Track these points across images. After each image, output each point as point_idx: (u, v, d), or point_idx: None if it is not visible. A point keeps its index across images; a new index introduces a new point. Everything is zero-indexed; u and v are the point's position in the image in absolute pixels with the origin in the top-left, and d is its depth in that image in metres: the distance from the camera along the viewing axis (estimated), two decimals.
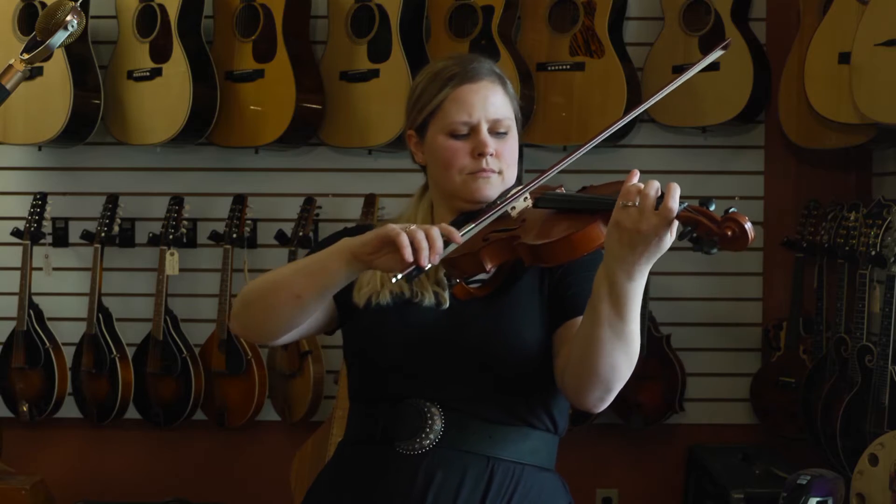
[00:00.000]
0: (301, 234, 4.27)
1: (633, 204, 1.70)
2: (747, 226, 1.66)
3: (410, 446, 1.95)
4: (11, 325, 4.34)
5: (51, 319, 4.39)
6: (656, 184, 1.71)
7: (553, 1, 4.19)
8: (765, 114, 4.32)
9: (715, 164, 4.41)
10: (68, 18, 2.15)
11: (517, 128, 2.09)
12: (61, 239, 4.52)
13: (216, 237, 4.34)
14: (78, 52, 4.19)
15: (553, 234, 1.82)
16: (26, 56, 2.18)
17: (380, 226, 1.88)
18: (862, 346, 3.72)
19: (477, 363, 1.95)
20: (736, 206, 4.59)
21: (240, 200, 4.34)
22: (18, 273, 4.30)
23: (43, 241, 4.38)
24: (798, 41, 4.07)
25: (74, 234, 4.46)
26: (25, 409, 4.33)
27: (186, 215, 4.36)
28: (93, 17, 4.30)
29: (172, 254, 4.31)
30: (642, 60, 4.26)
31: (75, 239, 4.46)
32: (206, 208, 4.46)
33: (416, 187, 2.21)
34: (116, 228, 4.35)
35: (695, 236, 1.68)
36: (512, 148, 2.06)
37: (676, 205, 1.67)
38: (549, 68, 4.18)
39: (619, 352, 1.80)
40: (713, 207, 1.69)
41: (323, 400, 4.31)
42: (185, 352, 4.31)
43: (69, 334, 4.39)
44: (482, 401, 1.95)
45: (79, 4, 2.18)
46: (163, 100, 4.19)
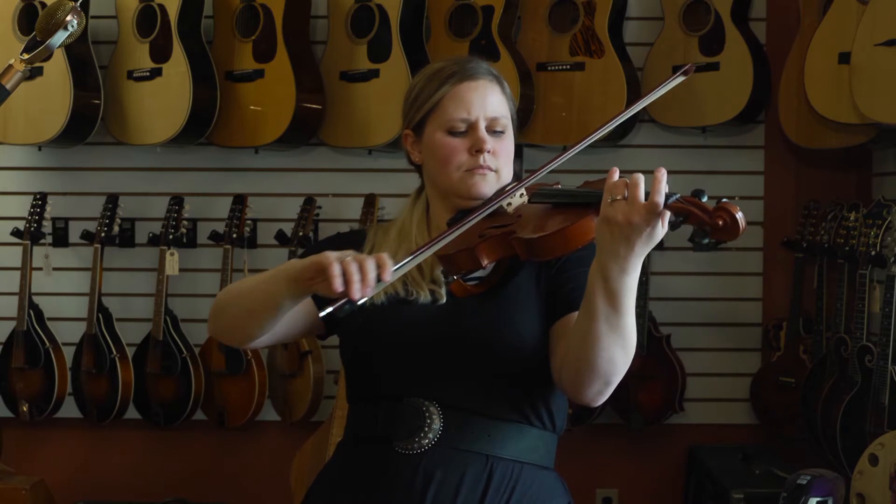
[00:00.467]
0: (301, 234, 4.26)
1: (621, 197, 1.70)
2: (738, 215, 1.66)
3: (409, 446, 1.95)
4: (11, 325, 4.34)
5: (51, 319, 4.39)
6: (641, 176, 1.72)
7: (553, 1, 4.20)
8: (765, 114, 4.32)
9: (715, 164, 4.41)
10: (68, 18, 2.15)
11: (513, 129, 2.10)
12: (61, 239, 4.52)
13: (216, 237, 4.34)
14: (78, 52, 4.19)
15: (548, 229, 1.83)
16: (26, 56, 2.18)
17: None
18: (862, 346, 3.72)
19: (473, 359, 1.95)
20: (736, 205, 4.60)
21: (240, 200, 4.34)
22: (18, 273, 4.30)
23: (43, 241, 4.38)
24: (798, 41, 4.07)
25: (74, 234, 4.46)
26: (25, 409, 4.33)
27: (186, 215, 4.36)
28: (93, 17, 4.30)
29: (172, 254, 4.31)
30: (642, 60, 4.26)
31: (75, 239, 4.46)
32: (206, 208, 4.46)
33: (415, 187, 2.22)
34: (116, 228, 4.35)
35: (688, 227, 1.68)
36: (508, 147, 2.07)
37: (663, 195, 1.68)
38: (549, 68, 4.18)
39: (616, 345, 1.80)
40: (705, 199, 1.69)
41: (323, 400, 4.31)
42: (185, 352, 4.31)
43: (69, 334, 4.39)
44: (480, 398, 1.95)
45: (79, 4, 2.18)
46: (163, 100, 4.19)
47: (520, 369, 1.96)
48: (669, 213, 1.69)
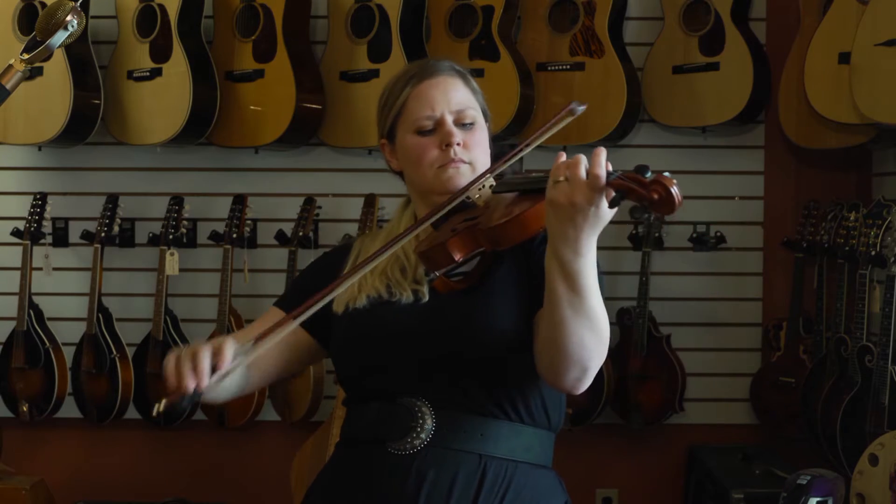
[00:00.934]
0: (301, 234, 4.27)
1: (563, 179, 1.71)
2: (674, 189, 1.64)
3: (402, 446, 1.94)
4: (11, 325, 4.33)
5: (51, 319, 4.39)
6: (583, 156, 1.72)
7: (553, 1, 4.20)
8: (765, 114, 4.32)
9: (715, 164, 4.40)
10: (68, 18, 2.15)
11: (485, 121, 2.10)
12: (61, 239, 4.51)
13: (216, 237, 4.34)
14: (78, 52, 4.19)
15: (504, 215, 1.84)
16: (26, 56, 2.18)
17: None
18: (862, 346, 3.72)
19: (457, 353, 1.95)
20: (736, 206, 4.63)
21: (240, 200, 4.34)
22: (18, 273, 4.30)
23: (43, 241, 4.38)
24: (798, 41, 4.07)
25: (74, 234, 4.46)
26: (25, 409, 4.33)
27: (186, 215, 4.36)
28: (93, 17, 4.30)
29: (172, 254, 4.31)
30: (642, 60, 4.26)
31: (75, 239, 4.46)
32: (206, 208, 4.46)
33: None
34: (116, 228, 4.35)
35: (624, 201, 1.69)
36: (479, 139, 2.07)
37: (603, 171, 1.68)
38: (549, 68, 4.18)
39: (584, 329, 1.80)
40: (648, 175, 1.67)
41: (323, 400, 4.31)
42: None
43: (69, 334, 4.39)
44: (471, 397, 1.95)
45: (79, 4, 2.18)
46: (163, 100, 4.19)
47: (504, 361, 1.95)
48: (612, 190, 1.69)
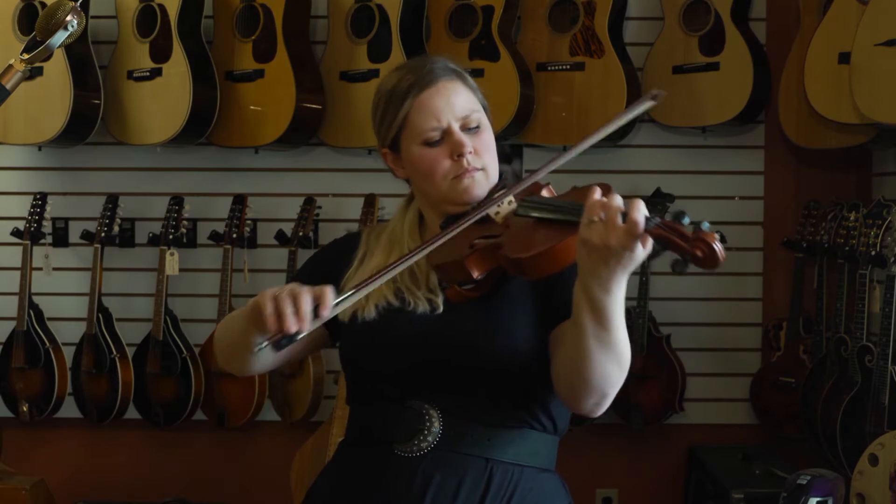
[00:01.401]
0: (301, 234, 4.27)
1: (598, 219, 1.68)
2: (717, 246, 1.60)
3: (408, 448, 1.94)
4: (11, 325, 4.33)
5: (51, 319, 4.39)
6: (619, 197, 1.70)
7: (553, 1, 4.19)
8: (765, 114, 4.32)
9: (715, 164, 4.41)
10: (68, 18, 2.15)
11: (488, 117, 2.06)
12: (61, 239, 4.52)
13: (216, 237, 4.34)
14: (78, 52, 4.19)
15: (534, 246, 1.80)
16: (26, 56, 2.17)
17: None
18: (862, 346, 3.72)
19: (470, 364, 1.93)
20: (736, 206, 4.64)
21: (240, 200, 4.34)
22: (18, 273, 4.30)
23: (43, 241, 4.38)
24: (798, 41, 4.07)
25: (74, 234, 4.46)
26: (25, 409, 4.33)
27: (186, 215, 4.36)
28: (93, 17, 4.30)
29: (172, 254, 4.31)
30: (642, 60, 4.26)
31: (75, 239, 4.46)
32: (206, 208, 4.46)
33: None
34: (116, 228, 4.35)
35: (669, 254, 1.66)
36: (487, 141, 2.03)
37: (642, 218, 1.65)
38: (549, 68, 4.18)
39: (609, 361, 1.80)
40: (686, 221, 1.64)
41: (323, 400, 4.31)
42: (185, 352, 4.31)
43: (69, 334, 4.39)
44: (480, 404, 1.94)
45: (79, 4, 2.18)
46: (163, 100, 4.19)
47: (517, 372, 1.94)
48: (650, 238, 1.66)
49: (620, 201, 1.68)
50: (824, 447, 3.90)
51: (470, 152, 1.98)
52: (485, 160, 2.01)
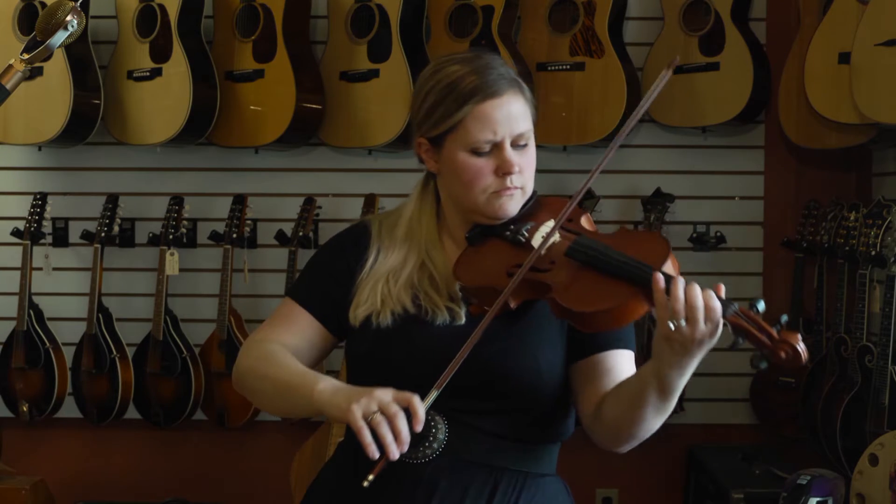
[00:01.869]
0: (301, 234, 4.26)
1: (681, 321, 1.70)
2: (800, 347, 1.65)
3: (413, 454, 1.89)
4: (11, 325, 4.33)
5: (51, 319, 4.39)
6: (698, 292, 1.70)
7: (553, 1, 4.19)
8: (765, 114, 4.32)
9: (715, 164, 4.40)
10: (68, 18, 2.15)
11: (534, 132, 1.99)
12: (61, 239, 4.51)
13: (216, 237, 4.34)
14: (78, 52, 4.19)
15: (589, 301, 1.77)
16: (26, 56, 2.17)
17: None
18: (862, 346, 3.72)
19: (488, 384, 1.90)
20: (736, 206, 4.63)
21: (240, 200, 4.34)
22: (18, 273, 4.30)
23: (43, 241, 4.38)
24: (798, 41, 4.07)
25: (74, 234, 4.46)
26: (25, 409, 4.33)
27: (186, 215, 4.36)
28: (93, 17, 4.30)
29: (172, 254, 4.31)
30: (642, 60, 4.25)
31: (75, 239, 4.46)
32: (206, 208, 4.46)
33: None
34: (116, 228, 4.35)
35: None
36: (532, 159, 1.98)
37: (720, 315, 1.70)
38: (550, 68, 4.18)
39: (659, 419, 1.85)
40: (761, 307, 1.69)
41: None
42: (185, 352, 4.31)
43: (69, 334, 4.39)
44: (489, 417, 1.91)
45: (79, 4, 2.18)
46: (163, 100, 4.19)
47: (533, 396, 1.92)
48: (730, 327, 1.70)
49: (700, 297, 1.69)
50: (824, 447, 3.90)
51: (516, 171, 1.93)
52: (525, 178, 1.96)
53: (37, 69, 4.02)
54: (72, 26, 2.16)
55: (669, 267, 1.77)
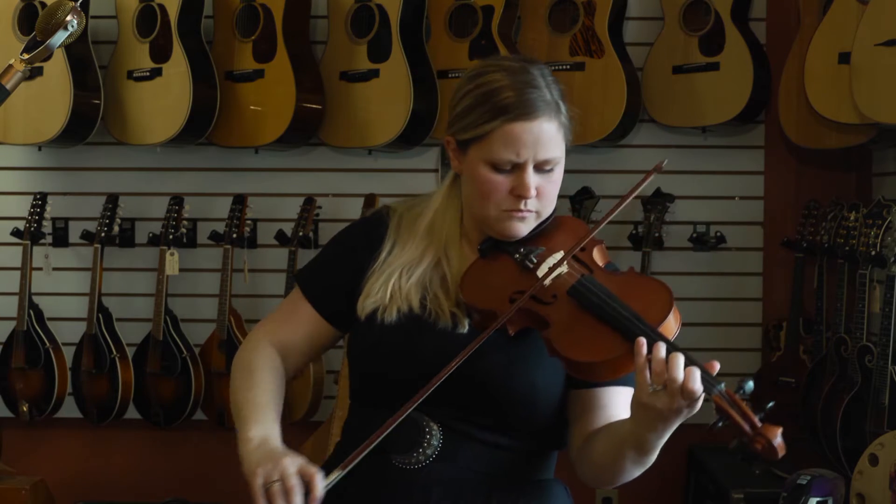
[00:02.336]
0: (301, 234, 4.26)
1: (661, 388, 1.70)
2: (776, 443, 1.68)
3: (407, 460, 1.90)
4: (11, 325, 4.33)
5: (51, 319, 4.39)
6: (681, 361, 1.71)
7: (553, 1, 4.19)
8: (765, 114, 4.32)
9: (715, 164, 4.40)
10: (68, 18, 2.15)
11: (564, 157, 1.96)
12: (61, 239, 4.51)
13: (216, 237, 4.34)
14: (78, 52, 4.19)
15: (583, 350, 1.76)
16: (26, 56, 2.17)
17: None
18: (862, 346, 3.72)
19: (485, 399, 1.89)
20: (736, 206, 4.63)
21: (240, 200, 4.34)
22: (18, 273, 4.30)
23: (43, 241, 4.38)
24: (798, 41, 4.07)
25: (74, 234, 4.46)
26: (25, 409, 4.33)
27: (186, 215, 4.36)
28: (93, 17, 4.30)
29: (172, 254, 4.31)
30: (642, 60, 4.25)
31: (75, 239, 4.46)
32: (206, 208, 4.46)
33: (416, 187, 2.17)
34: (116, 228, 4.35)
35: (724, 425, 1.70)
36: (554, 185, 1.94)
37: (699, 388, 1.72)
38: (550, 68, 4.17)
39: (640, 469, 1.86)
40: (749, 388, 1.70)
41: (323, 400, 4.31)
42: (185, 352, 4.31)
43: (69, 334, 4.39)
44: (485, 428, 1.91)
45: (79, 4, 2.17)
46: (163, 100, 4.19)
47: (529, 415, 1.91)
48: (714, 406, 1.70)
49: (681, 367, 1.70)
50: (824, 447, 3.90)
51: (532, 196, 1.90)
52: (542, 204, 1.93)
53: (37, 69, 4.02)
54: (72, 26, 2.16)
55: (670, 322, 1.78)
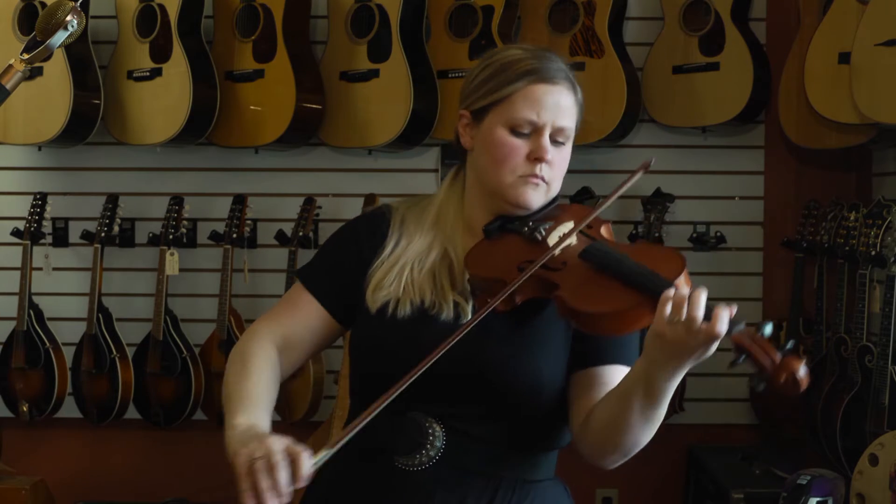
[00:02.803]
0: (301, 234, 4.26)
1: (678, 319, 1.66)
2: (800, 375, 1.61)
3: (410, 462, 1.89)
4: (11, 325, 4.33)
5: (51, 319, 4.39)
6: (703, 297, 1.66)
7: (553, 1, 4.19)
8: (765, 114, 4.32)
9: (715, 164, 4.41)
10: (68, 18, 2.15)
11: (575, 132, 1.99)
12: (61, 239, 4.52)
13: (216, 237, 4.34)
14: (78, 52, 4.19)
15: (596, 302, 1.75)
16: (26, 56, 2.17)
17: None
18: (862, 346, 3.72)
19: (490, 390, 1.88)
20: (736, 206, 4.63)
21: (240, 200, 4.34)
22: (18, 273, 4.30)
23: (43, 241, 4.38)
24: (798, 41, 4.07)
25: (74, 234, 4.46)
26: (25, 409, 4.33)
27: (186, 215, 4.36)
28: (93, 17, 4.30)
29: (172, 254, 4.31)
30: (642, 60, 4.26)
31: (75, 239, 4.46)
32: (206, 208, 4.46)
33: (416, 187, 2.17)
34: (116, 228, 4.35)
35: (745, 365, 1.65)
36: (565, 159, 1.98)
37: (725, 327, 1.66)
38: None
39: (646, 431, 1.81)
40: (768, 330, 1.65)
41: (323, 400, 4.31)
42: (185, 352, 4.31)
43: (69, 334, 4.39)
44: (488, 424, 1.90)
45: (79, 4, 2.17)
46: (163, 100, 4.19)
47: (533, 404, 1.90)
48: (733, 344, 1.65)
49: (703, 302, 1.66)
50: (824, 447, 3.90)
51: (548, 160, 1.93)
52: (554, 174, 1.96)
53: (37, 69, 4.02)
54: (72, 26, 2.16)
55: (682, 282, 1.75)
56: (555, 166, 1.95)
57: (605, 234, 1.96)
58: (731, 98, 4.11)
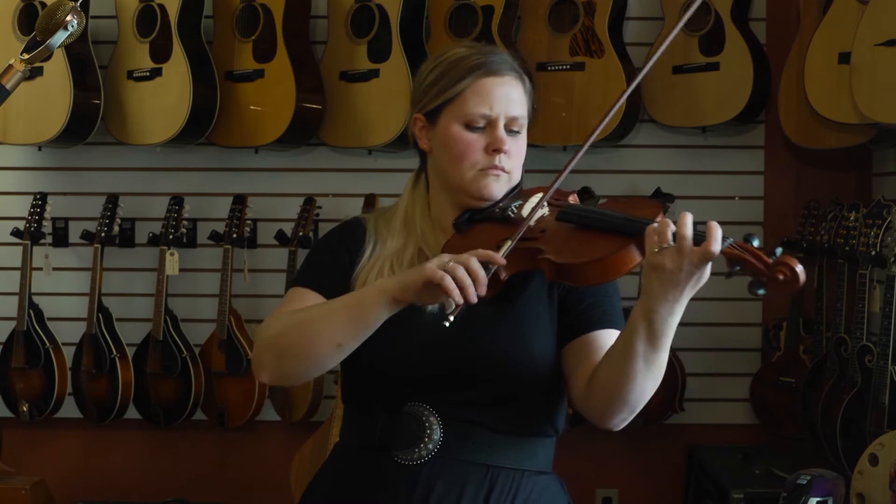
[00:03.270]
0: (301, 234, 4.27)
1: (668, 245, 1.68)
2: (798, 268, 1.63)
3: (408, 456, 1.91)
4: (11, 325, 4.33)
5: (51, 319, 4.39)
6: (689, 218, 1.69)
7: (553, 1, 4.19)
8: (765, 114, 4.32)
9: (715, 164, 4.41)
10: (68, 18, 2.15)
11: (532, 131, 2.05)
12: (61, 239, 4.51)
13: (216, 237, 4.34)
14: (78, 52, 4.19)
15: (582, 254, 1.77)
16: (26, 56, 2.17)
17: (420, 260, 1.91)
18: (862, 346, 3.72)
19: (481, 375, 1.91)
20: (736, 206, 4.63)
21: (240, 200, 4.34)
22: (18, 273, 4.30)
23: (43, 241, 4.38)
24: (798, 41, 4.07)
25: (74, 234, 4.46)
26: (25, 409, 4.33)
27: (186, 215, 4.36)
28: (93, 17, 4.30)
29: (172, 254, 4.31)
30: (642, 60, 4.25)
31: (75, 239, 4.46)
32: (206, 208, 4.46)
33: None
34: (116, 228, 4.35)
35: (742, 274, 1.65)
36: (522, 147, 2.02)
37: (719, 244, 1.67)
38: (550, 68, 4.18)
39: (650, 380, 1.81)
40: (756, 243, 1.67)
41: (323, 400, 4.31)
42: (185, 352, 4.31)
43: (69, 334, 4.39)
44: (483, 411, 1.92)
45: (79, 4, 2.17)
46: (163, 100, 4.19)
47: (526, 386, 1.92)
48: (725, 259, 1.66)
49: (690, 222, 1.69)
50: (824, 447, 3.90)
51: (505, 152, 1.97)
52: (513, 164, 1.99)
53: (37, 69, 4.02)
54: (72, 26, 2.16)
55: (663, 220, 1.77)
56: (513, 155, 1.99)
57: (573, 202, 1.99)
58: (731, 98, 4.11)
